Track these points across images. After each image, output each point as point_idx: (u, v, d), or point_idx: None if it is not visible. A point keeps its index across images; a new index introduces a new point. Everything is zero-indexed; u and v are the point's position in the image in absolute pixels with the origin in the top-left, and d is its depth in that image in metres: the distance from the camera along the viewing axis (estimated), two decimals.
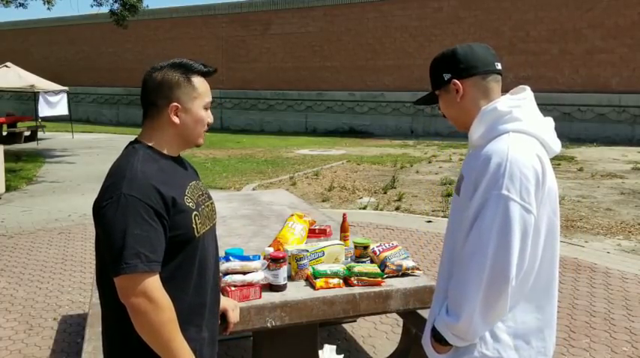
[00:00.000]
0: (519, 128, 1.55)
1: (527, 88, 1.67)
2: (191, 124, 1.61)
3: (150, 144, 1.60)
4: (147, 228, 1.44)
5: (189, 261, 1.58)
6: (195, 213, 1.57)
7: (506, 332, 1.56)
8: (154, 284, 1.44)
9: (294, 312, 2.22)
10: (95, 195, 1.55)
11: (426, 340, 1.69)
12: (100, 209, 1.48)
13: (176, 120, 1.58)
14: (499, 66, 1.65)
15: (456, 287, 1.53)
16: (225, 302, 1.92)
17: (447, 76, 1.63)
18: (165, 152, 1.61)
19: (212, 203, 1.74)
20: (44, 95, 16.77)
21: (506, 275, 1.44)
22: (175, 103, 1.57)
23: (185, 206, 1.54)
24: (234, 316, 1.93)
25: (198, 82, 1.61)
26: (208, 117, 1.65)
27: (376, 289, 2.35)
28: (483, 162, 1.49)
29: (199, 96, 1.60)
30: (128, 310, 1.45)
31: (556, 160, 12.28)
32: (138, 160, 1.53)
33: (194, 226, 1.56)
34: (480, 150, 1.56)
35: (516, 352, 1.57)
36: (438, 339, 1.60)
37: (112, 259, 1.44)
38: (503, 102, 1.60)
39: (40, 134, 18.06)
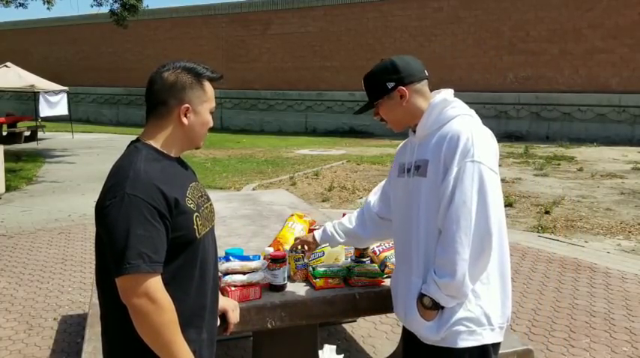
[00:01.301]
0: (466, 112, 1.85)
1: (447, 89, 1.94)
2: (197, 126, 1.63)
3: (153, 144, 1.60)
4: (150, 229, 1.44)
5: (190, 263, 1.58)
6: (196, 214, 1.58)
7: (482, 287, 1.77)
8: (156, 285, 1.44)
9: (294, 312, 2.22)
10: (95, 195, 1.55)
11: (410, 311, 1.83)
12: (102, 209, 1.47)
13: (185, 121, 1.60)
14: (427, 72, 1.94)
15: (446, 249, 1.70)
16: (224, 302, 1.92)
17: (390, 85, 1.87)
18: (167, 152, 1.62)
19: (211, 204, 1.74)
20: (44, 95, 16.77)
21: (488, 230, 1.68)
22: (187, 104, 1.60)
23: (187, 207, 1.54)
24: (234, 316, 1.93)
25: (208, 86, 1.65)
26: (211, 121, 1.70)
27: (376, 289, 2.35)
28: (451, 139, 1.74)
29: (208, 100, 1.65)
30: (129, 310, 1.45)
31: (556, 160, 12.28)
32: (141, 160, 1.53)
33: (195, 227, 1.56)
34: (433, 135, 1.82)
35: (492, 303, 1.79)
36: (426, 305, 1.76)
37: (114, 259, 1.43)
38: (447, 94, 1.89)
39: (40, 134, 18.06)
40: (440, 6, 18.58)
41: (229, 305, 1.93)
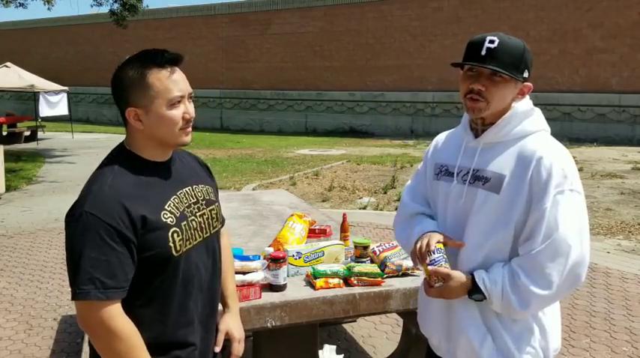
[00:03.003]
0: (545, 127, 1.66)
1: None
2: (157, 126, 1.42)
3: (131, 149, 1.48)
4: (106, 251, 1.32)
5: (170, 282, 1.46)
6: (174, 229, 1.43)
7: (549, 320, 1.65)
8: (110, 312, 1.34)
9: (294, 312, 2.22)
10: None
11: (455, 336, 1.65)
12: (65, 222, 1.39)
13: (139, 125, 1.43)
14: None
15: (534, 280, 1.51)
16: (232, 330, 1.72)
17: (526, 74, 1.62)
18: (146, 157, 1.47)
19: (211, 210, 1.59)
20: (44, 95, 16.78)
21: (585, 262, 1.54)
22: (132, 108, 1.41)
23: (160, 223, 1.40)
24: (238, 349, 1.71)
25: (155, 77, 1.40)
26: (184, 112, 1.44)
27: (376, 289, 2.35)
28: (542, 163, 1.53)
29: (158, 94, 1.40)
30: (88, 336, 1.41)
31: None
32: (112, 170, 1.42)
33: (171, 244, 1.42)
34: (506, 146, 1.60)
35: (553, 335, 1.65)
36: (473, 299, 1.58)
37: (70, 282, 1.35)
38: (530, 102, 1.67)
39: (40, 134, 18.07)
40: (440, 6, 18.58)
41: (236, 336, 1.71)
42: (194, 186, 1.56)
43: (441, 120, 18.26)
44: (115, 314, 1.35)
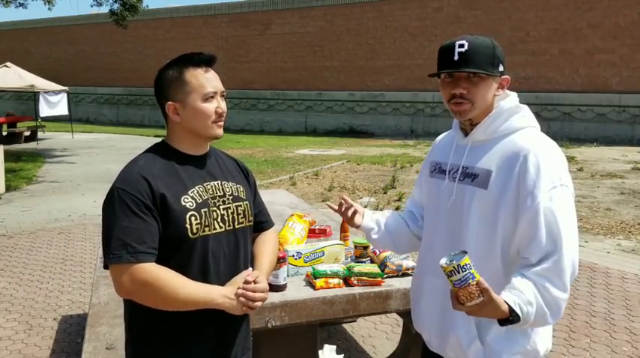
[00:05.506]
0: (533, 124, 1.65)
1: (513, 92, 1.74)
2: (192, 119, 1.56)
3: (168, 142, 1.63)
4: (135, 221, 1.45)
5: (185, 262, 1.52)
6: (191, 213, 1.52)
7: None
8: (141, 269, 1.44)
9: (294, 312, 2.22)
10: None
11: (449, 333, 1.64)
12: (102, 203, 1.54)
13: (177, 118, 1.57)
14: None
15: (557, 285, 1.47)
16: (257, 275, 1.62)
17: (501, 67, 1.62)
18: (180, 149, 1.60)
19: (238, 206, 1.65)
20: (44, 95, 16.77)
21: (575, 263, 1.50)
22: (171, 102, 1.57)
23: (178, 205, 1.50)
24: (260, 296, 1.57)
25: (192, 75, 1.55)
26: (216, 107, 1.58)
27: (376, 289, 2.35)
28: (529, 159, 1.52)
29: (193, 89, 1.55)
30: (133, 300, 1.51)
31: None
32: (145, 156, 1.58)
33: (187, 226, 1.51)
34: (494, 143, 1.61)
35: (544, 335, 1.63)
36: (500, 324, 1.47)
37: (103, 251, 1.49)
38: (516, 99, 1.67)
39: (40, 134, 18.06)
40: (440, 6, 18.58)
41: (261, 278, 1.61)
42: (223, 182, 1.65)
43: (441, 120, 18.26)
44: (147, 269, 1.44)
